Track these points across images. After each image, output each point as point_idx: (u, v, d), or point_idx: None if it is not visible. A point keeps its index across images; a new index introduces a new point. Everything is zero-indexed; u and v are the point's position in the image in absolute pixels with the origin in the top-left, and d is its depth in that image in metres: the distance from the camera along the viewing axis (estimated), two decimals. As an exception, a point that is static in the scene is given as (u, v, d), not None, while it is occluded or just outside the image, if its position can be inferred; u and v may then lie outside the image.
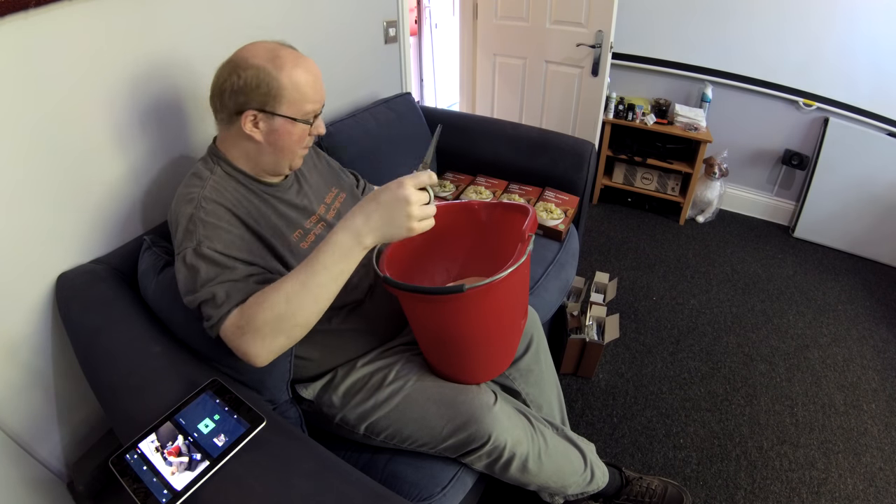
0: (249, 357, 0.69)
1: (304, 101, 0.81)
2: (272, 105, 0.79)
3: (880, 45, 2.07)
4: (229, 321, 0.70)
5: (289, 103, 0.80)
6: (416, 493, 0.87)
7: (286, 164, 0.87)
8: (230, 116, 0.81)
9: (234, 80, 0.78)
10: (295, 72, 0.79)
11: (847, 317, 1.96)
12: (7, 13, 0.75)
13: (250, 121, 0.80)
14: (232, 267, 0.74)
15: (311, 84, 0.81)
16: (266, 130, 0.81)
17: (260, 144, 0.83)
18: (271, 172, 0.89)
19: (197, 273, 0.72)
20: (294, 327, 0.70)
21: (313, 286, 0.68)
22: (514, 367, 1.05)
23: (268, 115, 0.80)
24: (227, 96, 0.80)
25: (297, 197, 0.93)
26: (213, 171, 0.83)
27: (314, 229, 0.92)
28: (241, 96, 0.79)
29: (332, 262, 0.68)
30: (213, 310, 0.71)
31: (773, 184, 2.56)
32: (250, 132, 0.80)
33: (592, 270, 1.95)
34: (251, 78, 0.78)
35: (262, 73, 0.78)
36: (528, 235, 0.78)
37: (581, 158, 1.64)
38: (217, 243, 0.74)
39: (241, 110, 0.79)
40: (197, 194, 0.78)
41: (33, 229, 0.88)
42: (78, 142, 0.91)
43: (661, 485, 1.19)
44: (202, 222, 0.75)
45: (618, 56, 2.52)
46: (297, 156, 0.87)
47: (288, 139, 0.83)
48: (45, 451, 0.99)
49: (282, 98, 0.79)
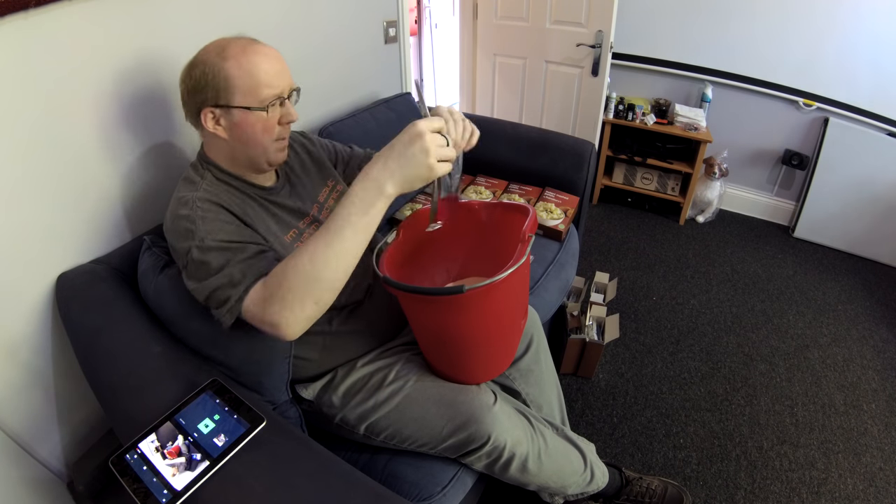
0: (279, 328, 0.66)
1: (257, 87, 0.77)
2: (225, 97, 0.76)
3: (881, 44, 2.07)
4: (252, 296, 0.69)
5: (242, 92, 0.76)
6: (416, 493, 0.87)
7: (261, 158, 0.83)
8: (195, 118, 0.80)
9: (187, 81, 0.78)
10: (244, 59, 0.76)
11: (847, 317, 1.96)
12: (7, 13, 0.75)
13: (210, 119, 0.78)
14: (242, 248, 0.73)
15: (266, 68, 0.77)
16: (227, 126, 0.79)
17: (228, 142, 0.81)
18: (253, 169, 0.86)
19: (208, 265, 0.71)
20: (322, 290, 0.66)
21: (337, 242, 0.65)
22: (514, 367, 1.05)
23: (223, 109, 0.77)
24: (187, 98, 0.79)
25: (289, 199, 0.92)
26: (203, 177, 0.82)
27: (307, 230, 0.92)
28: (196, 95, 0.77)
29: (355, 214, 0.65)
30: (231, 290, 0.69)
31: (773, 184, 2.56)
32: (214, 131, 0.79)
33: (592, 270, 1.95)
34: (200, 75, 0.76)
35: (208, 67, 0.76)
36: (528, 236, 0.78)
37: (581, 158, 1.64)
38: (219, 234, 0.74)
39: (199, 109, 0.78)
40: (191, 197, 0.78)
41: (33, 229, 0.88)
42: (78, 141, 0.91)
43: (661, 485, 1.19)
44: (201, 219, 0.75)
45: (618, 56, 2.52)
46: (271, 148, 0.82)
47: (251, 130, 0.79)
48: (45, 451, 0.99)
49: (233, 88, 0.76)
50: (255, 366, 0.82)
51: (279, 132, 0.82)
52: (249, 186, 0.86)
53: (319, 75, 1.51)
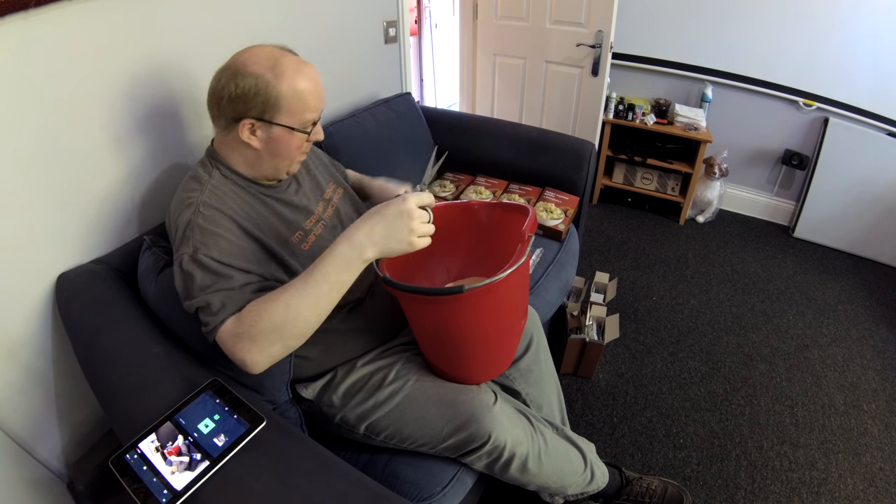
0: (246, 364, 0.69)
1: (304, 111, 0.80)
2: (270, 114, 0.78)
3: (881, 44, 2.07)
4: (225, 329, 0.70)
5: (288, 113, 0.78)
6: (416, 493, 0.87)
7: (284, 170, 0.86)
8: (228, 123, 0.80)
9: (231, 87, 0.77)
10: (296, 81, 0.78)
11: (847, 317, 1.96)
12: (7, 13, 0.75)
13: (248, 129, 0.79)
14: (228, 275, 0.73)
15: (312, 92, 0.80)
16: (264, 139, 0.80)
17: (258, 151, 0.82)
18: (269, 177, 0.88)
19: (193, 280, 0.72)
20: (291, 336, 0.70)
21: (313, 295, 0.69)
22: (514, 367, 1.05)
23: (266, 123, 0.79)
24: (225, 103, 0.78)
25: (295, 196, 0.93)
26: (211, 175, 0.82)
27: (314, 229, 0.92)
28: (239, 104, 0.77)
29: (333, 273, 0.69)
30: (209, 317, 0.71)
31: (773, 184, 2.56)
32: (248, 140, 0.79)
33: (592, 270, 1.95)
34: (250, 87, 0.76)
35: (260, 82, 0.76)
36: (528, 236, 0.78)
37: (581, 158, 1.64)
38: (213, 250, 0.73)
39: (238, 118, 0.78)
40: (196, 199, 0.77)
41: (33, 229, 0.88)
42: (78, 142, 0.91)
43: (662, 485, 1.19)
44: (200, 228, 0.74)
45: (618, 56, 2.52)
46: (296, 162, 0.87)
47: (286, 147, 0.82)
48: (45, 451, 0.99)
49: (281, 108, 0.78)
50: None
51: (305, 148, 0.86)
52: (255, 185, 0.87)
53: (319, 75, 1.51)
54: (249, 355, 0.68)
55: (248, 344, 0.68)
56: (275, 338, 0.68)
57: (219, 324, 0.70)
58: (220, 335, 0.70)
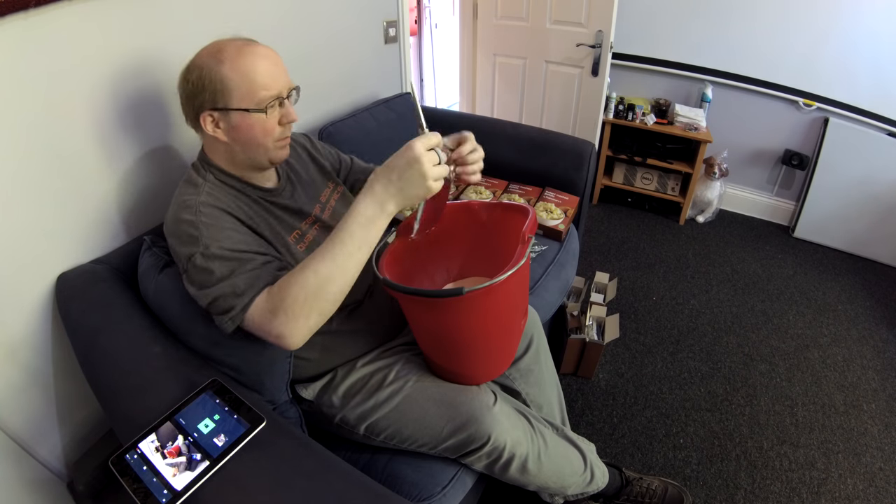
0: (284, 338, 0.69)
1: (254, 89, 0.77)
2: (222, 100, 0.76)
3: (881, 44, 2.07)
4: (257, 306, 0.70)
5: (239, 95, 0.76)
6: (416, 493, 0.87)
7: (263, 159, 0.83)
8: (194, 123, 0.81)
9: (185, 85, 0.78)
10: (238, 61, 0.76)
11: (847, 317, 1.96)
12: (7, 13, 0.75)
13: (210, 122, 0.78)
14: (247, 259, 0.74)
15: (262, 70, 0.77)
16: (226, 128, 0.79)
17: (228, 144, 0.81)
18: (254, 169, 0.86)
19: (211, 273, 0.72)
20: (325, 302, 0.70)
21: (341, 258, 0.69)
22: (514, 367, 1.05)
23: (221, 112, 0.77)
24: (184, 102, 0.80)
25: (291, 200, 0.92)
26: (205, 178, 0.82)
27: (310, 231, 0.92)
28: (194, 99, 0.78)
29: (359, 231, 0.69)
30: (234, 299, 0.70)
31: (773, 184, 2.56)
32: (213, 133, 0.79)
33: (592, 270, 1.95)
34: (197, 79, 0.76)
35: (205, 71, 0.76)
36: (528, 237, 0.78)
37: (581, 158, 1.64)
38: (225, 242, 0.74)
39: (197, 114, 0.78)
40: (194, 201, 0.77)
41: (33, 229, 0.88)
42: (78, 142, 0.91)
43: (662, 485, 1.19)
44: (204, 226, 0.74)
45: (618, 56, 2.52)
46: (272, 149, 0.83)
47: (250, 133, 0.79)
48: (45, 451, 0.99)
49: (229, 91, 0.76)
50: (255, 365, 0.82)
51: (280, 133, 0.82)
52: (251, 188, 0.86)
53: (319, 75, 1.51)
54: (288, 328, 0.68)
55: (284, 317, 0.68)
56: (310, 307, 0.68)
57: (248, 303, 0.70)
58: (251, 314, 0.70)
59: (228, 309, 0.71)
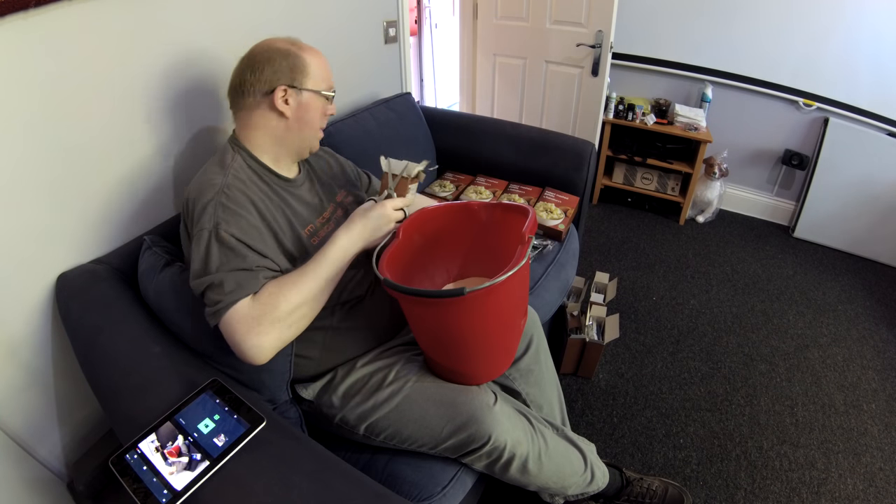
0: (254, 350, 0.71)
1: (326, 78, 0.92)
2: (300, 80, 0.88)
3: (881, 44, 2.07)
4: (238, 310, 0.71)
5: (315, 78, 0.89)
6: (416, 493, 0.87)
7: (309, 142, 0.94)
8: (258, 99, 0.87)
9: (261, 62, 0.86)
10: (314, 53, 0.91)
11: (847, 317, 1.96)
12: (7, 13, 0.75)
13: (281, 97, 0.86)
14: (244, 255, 0.76)
15: (327, 66, 0.93)
16: (295, 105, 0.88)
17: (287, 122, 0.89)
18: (294, 155, 0.94)
19: (209, 256, 0.74)
20: (302, 318, 0.77)
21: (322, 279, 0.79)
22: (514, 368, 1.05)
23: (296, 90, 0.88)
24: (256, 78, 0.86)
25: (309, 194, 0.97)
26: (234, 160, 0.86)
27: (322, 229, 0.94)
28: (272, 75, 0.86)
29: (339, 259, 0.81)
30: (221, 296, 0.72)
31: (773, 184, 2.56)
32: (282, 108, 0.87)
33: (592, 270, 1.95)
34: (280, 58, 0.86)
35: (290, 53, 0.87)
36: (528, 237, 0.78)
37: (581, 158, 1.64)
38: (234, 228, 0.77)
39: (271, 89, 0.86)
40: (220, 181, 0.81)
41: (33, 229, 0.88)
42: (77, 141, 0.91)
43: (662, 485, 1.19)
44: (223, 206, 0.78)
45: (618, 56, 2.52)
46: (317, 136, 0.95)
47: (314, 113, 0.91)
48: (45, 451, 0.99)
49: (308, 74, 0.88)
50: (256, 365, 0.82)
51: (322, 122, 0.95)
52: (273, 176, 0.91)
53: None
54: (264, 339, 0.71)
55: (269, 327, 0.72)
56: (290, 322, 0.74)
57: (230, 303, 0.72)
58: (231, 315, 0.71)
59: (213, 302, 0.73)
